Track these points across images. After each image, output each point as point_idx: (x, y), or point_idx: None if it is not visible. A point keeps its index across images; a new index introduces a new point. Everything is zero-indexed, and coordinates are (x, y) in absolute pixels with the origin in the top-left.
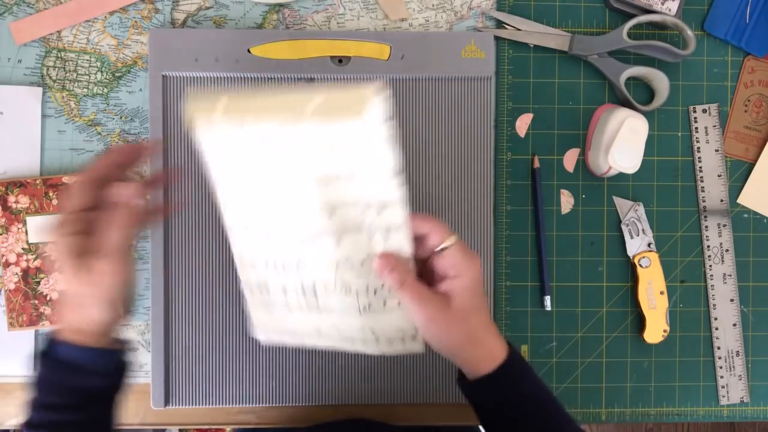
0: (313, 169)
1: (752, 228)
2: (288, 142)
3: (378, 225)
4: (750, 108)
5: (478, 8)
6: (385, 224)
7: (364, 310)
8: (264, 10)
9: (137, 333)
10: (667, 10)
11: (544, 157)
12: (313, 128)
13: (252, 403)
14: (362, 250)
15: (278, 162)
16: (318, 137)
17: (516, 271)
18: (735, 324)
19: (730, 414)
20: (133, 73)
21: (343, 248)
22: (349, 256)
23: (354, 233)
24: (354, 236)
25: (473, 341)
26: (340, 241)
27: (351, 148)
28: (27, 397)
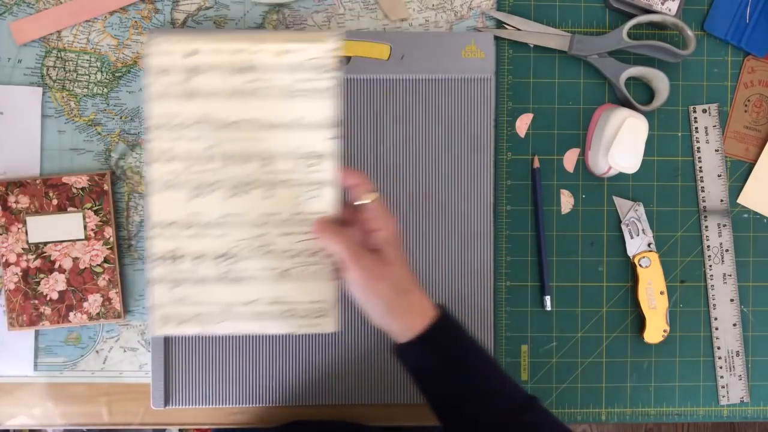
0: (258, 114)
1: (752, 228)
2: (237, 84)
3: (309, 180)
4: (750, 108)
5: (478, 8)
6: (316, 179)
7: (281, 276)
8: (264, 10)
9: (137, 333)
10: (667, 10)
11: (544, 157)
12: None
13: (252, 403)
14: (291, 205)
15: (223, 105)
16: (267, 80)
17: (516, 271)
18: (735, 324)
19: (730, 414)
20: (133, 73)
21: (272, 202)
22: (277, 211)
23: (285, 187)
24: (284, 191)
25: (402, 291)
26: (271, 194)
27: (296, 95)
28: None
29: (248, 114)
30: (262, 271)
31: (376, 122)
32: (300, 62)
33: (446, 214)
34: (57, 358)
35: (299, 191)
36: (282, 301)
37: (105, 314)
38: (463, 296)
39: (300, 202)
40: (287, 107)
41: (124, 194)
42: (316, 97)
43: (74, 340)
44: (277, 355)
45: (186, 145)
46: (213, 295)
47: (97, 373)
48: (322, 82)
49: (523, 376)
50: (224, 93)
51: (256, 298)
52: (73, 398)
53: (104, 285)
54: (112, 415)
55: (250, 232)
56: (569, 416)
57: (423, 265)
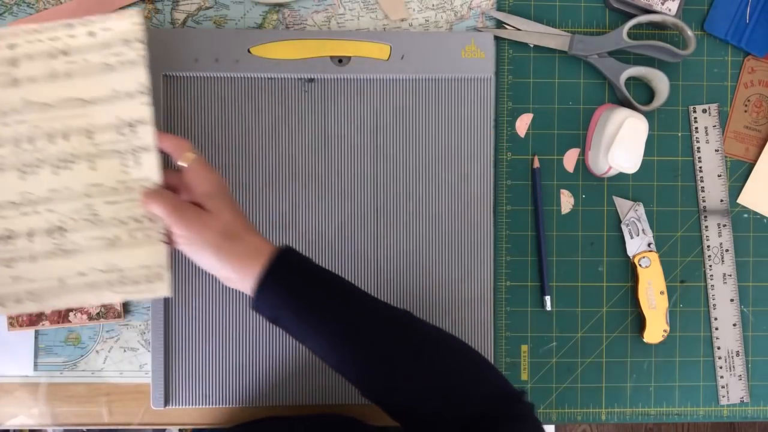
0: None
1: (752, 228)
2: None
3: (130, 147)
4: (750, 108)
5: (478, 8)
6: (136, 145)
7: (111, 244)
8: (264, 10)
9: (137, 333)
10: (667, 10)
11: (544, 157)
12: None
13: (252, 403)
14: (114, 175)
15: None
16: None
17: (516, 271)
18: (735, 324)
19: (730, 414)
20: None
21: (96, 174)
22: (102, 182)
23: (108, 158)
24: (108, 161)
25: (230, 237)
26: (95, 166)
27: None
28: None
29: (67, 93)
30: (91, 241)
31: (376, 122)
32: (109, 39)
33: (446, 214)
34: (57, 358)
35: (122, 160)
36: (114, 269)
37: (105, 314)
38: (463, 296)
39: (124, 170)
40: (103, 82)
41: None
42: (128, 68)
43: (74, 340)
44: (277, 355)
45: (11, 130)
46: (48, 271)
47: (97, 373)
48: (131, 54)
49: (523, 376)
50: (44, 77)
51: (89, 268)
52: (73, 398)
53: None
54: (112, 415)
55: (76, 204)
56: (569, 416)
57: (423, 265)
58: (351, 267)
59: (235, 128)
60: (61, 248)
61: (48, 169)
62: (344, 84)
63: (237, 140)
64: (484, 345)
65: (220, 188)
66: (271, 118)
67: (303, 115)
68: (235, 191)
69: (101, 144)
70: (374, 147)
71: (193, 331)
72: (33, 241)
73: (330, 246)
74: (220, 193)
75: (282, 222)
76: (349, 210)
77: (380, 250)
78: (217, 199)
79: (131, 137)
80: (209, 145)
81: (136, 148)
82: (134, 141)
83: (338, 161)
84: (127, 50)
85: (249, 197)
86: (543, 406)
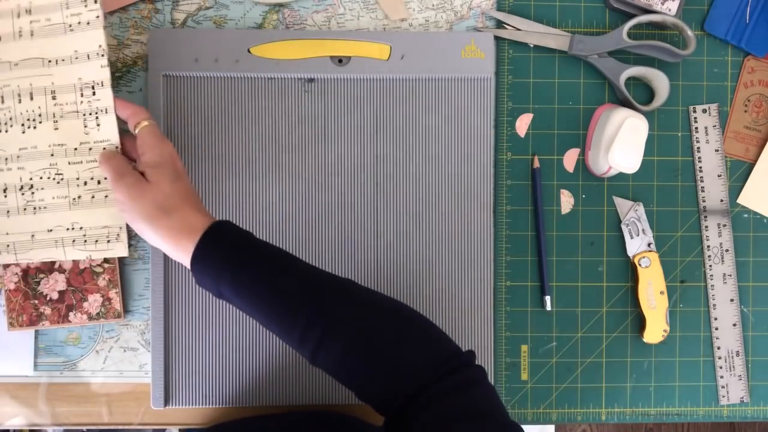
0: (40, 52)
1: (752, 228)
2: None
3: (90, 109)
4: (750, 108)
5: (478, 8)
6: (96, 107)
7: (74, 203)
8: (264, 10)
9: (137, 333)
10: (667, 10)
11: (544, 157)
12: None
13: (252, 403)
14: (76, 136)
15: (10, 47)
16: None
17: (516, 271)
18: (735, 324)
19: (730, 414)
20: (133, 73)
21: (60, 134)
22: (65, 142)
23: (70, 119)
24: (70, 121)
25: (166, 209)
26: (58, 126)
27: (69, 31)
28: None
29: (33, 53)
30: (57, 199)
31: (376, 122)
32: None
33: (446, 214)
34: (57, 358)
35: (84, 121)
36: (77, 227)
37: (105, 314)
38: (463, 296)
39: (85, 132)
40: (64, 43)
41: None
42: (86, 30)
43: (74, 340)
44: (277, 355)
45: None
46: (20, 226)
47: (97, 373)
48: (89, 14)
49: (523, 376)
50: (10, 36)
51: (55, 225)
52: (73, 398)
53: (104, 285)
54: (112, 415)
55: (43, 163)
56: (569, 416)
57: (423, 265)
58: (351, 266)
59: (235, 128)
60: (31, 205)
61: (17, 128)
62: (344, 84)
63: (237, 140)
64: (484, 345)
65: (165, 159)
66: (271, 118)
67: (303, 115)
68: (235, 190)
69: (64, 105)
70: (374, 147)
71: (193, 331)
72: (7, 197)
73: (330, 245)
74: (164, 163)
75: (282, 221)
76: (349, 209)
77: (380, 249)
78: (159, 169)
79: (92, 99)
80: (209, 145)
81: (96, 110)
82: (94, 103)
83: (338, 161)
84: (85, 11)
85: (249, 197)
86: (543, 406)
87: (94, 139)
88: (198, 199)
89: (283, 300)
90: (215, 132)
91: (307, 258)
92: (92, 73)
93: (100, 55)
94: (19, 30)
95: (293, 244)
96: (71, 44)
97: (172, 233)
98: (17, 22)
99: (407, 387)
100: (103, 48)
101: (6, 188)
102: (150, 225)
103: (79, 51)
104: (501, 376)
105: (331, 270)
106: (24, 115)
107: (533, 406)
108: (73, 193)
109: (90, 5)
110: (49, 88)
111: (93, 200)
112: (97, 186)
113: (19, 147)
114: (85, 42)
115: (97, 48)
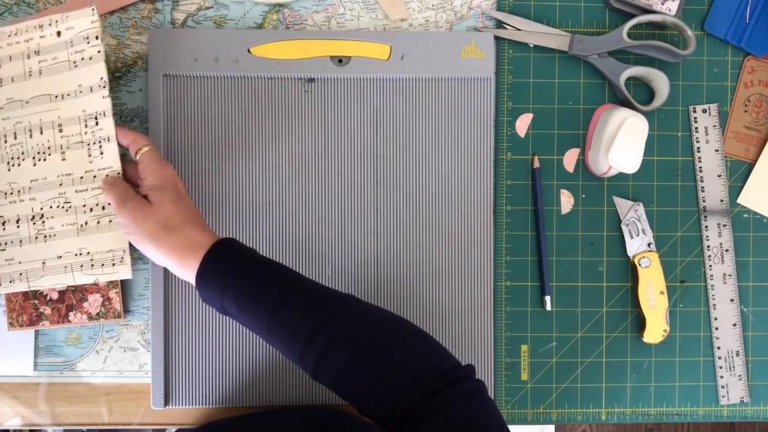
0: (48, 89)
1: (752, 228)
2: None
3: (94, 139)
4: (750, 108)
5: (478, 8)
6: (99, 136)
7: (81, 229)
8: (264, 10)
9: (137, 333)
10: (667, 10)
11: (544, 157)
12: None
13: (252, 403)
14: (82, 165)
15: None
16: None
17: (516, 271)
18: (735, 324)
19: (730, 414)
20: (133, 73)
21: (67, 164)
22: (72, 171)
23: (76, 149)
24: (76, 152)
25: (169, 229)
26: (65, 156)
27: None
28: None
29: (41, 90)
30: (65, 226)
31: (376, 122)
32: (73, 37)
33: (446, 214)
34: (57, 358)
35: (88, 150)
36: (84, 253)
37: (105, 314)
38: (463, 296)
39: (90, 161)
40: (70, 78)
41: None
42: (89, 64)
43: (74, 340)
44: (277, 356)
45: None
46: (32, 254)
47: (97, 373)
48: (90, 51)
49: (523, 376)
50: (21, 77)
51: (64, 252)
52: (73, 398)
53: (104, 285)
54: (112, 415)
55: (53, 193)
56: (569, 416)
57: (423, 265)
58: (350, 266)
59: (235, 128)
60: (42, 233)
61: (29, 161)
62: (344, 84)
63: (237, 140)
64: (484, 345)
65: (166, 181)
66: (271, 118)
67: (303, 115)
68: (235, 190)
69: (70, 136)
70: (374, 147)
71: (193, 331)
72: (20, 227)
73: (329, 244)
74: (165, 186)
75: (281, 221)
76: (348, 209)
77: (380, 249)
78: (161, 191)
79: (95, 129)
80: (209, 145)
81: (99, 139)
82: (98, 132)
83: (338, 161)
84: (87, 47)
85: (249, 196)
86: (543, 406)
87: (98, 167)
88: (201, 218)
89: (285, 315)
90: (215, 132)
91: (307, 258)
92: (95, 104)
93: (102, 87)
94: (29, 70)
95: (293, 243)
96: (76, 79)
97: (177, 251)
98: (27, 63)
99: (408, 399)
100: (104, 80)
101: (19, 219)
102: (154, 244)
103: (83, 85)
104: (501, 376)
105: (330, 270)
106: (35, 148)
107: (533, 406)
108: (80, 220)
109: (92, 41)
110: (56, 122)
111: (98, 225)
112: (102, 212)
113: (30, 179)
114: (88, 76)
115: (99, 80)
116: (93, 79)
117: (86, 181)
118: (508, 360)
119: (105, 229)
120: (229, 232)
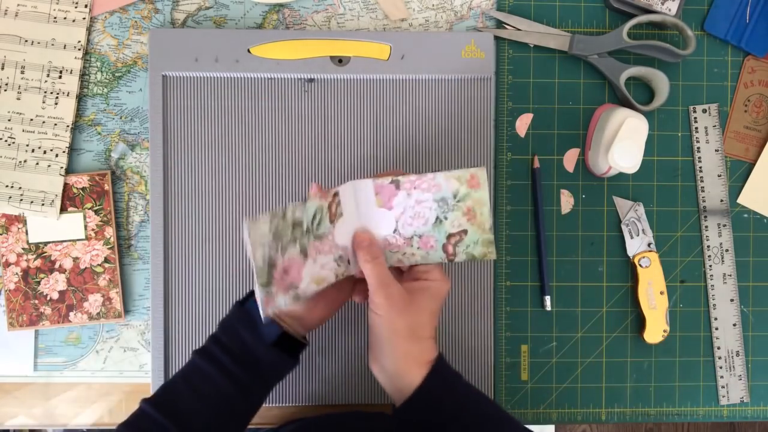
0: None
1: (752, 228)
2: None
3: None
4: (750, 108)
5: (478, 8)
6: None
7: (18, 165)
8: (264, 10)
9: (137, 333)
10: (667, 10)
11: (544, 157)
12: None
13: None
14: (34, 109)
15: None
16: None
17: (516, 271)
18: (735, 324)
19: (730, 414)
20: (133, 73)
21: (20, 103)
22: (23, 112)
23: (32, 93)
24: (31, 95)
25: (415, 336)
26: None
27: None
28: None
29: (12, 31)
30: (4, 159)
31: (376, 122)
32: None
33: None
34: (57, 358)
35: (43, 97)
36: (16, 187)
37: (105, 314)
38: (463, 296)
39: (42, 107)
40: (46, 30)
41: (123, 194)
42: (70, 25)
43: (74, 340)
44: None
45: None
46: None
47: (97, 373)
48: (77, 14)
49: (523, 376)
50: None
51: (5, 181)
52: (73, 398)
53: (104, 285)
54: (112, 415)
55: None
56: (569, 416)
57: None
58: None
59: (235, 128)
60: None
61: None
62: (344, 84)
63: (237, 140)
64: (484, 345)
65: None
66: (271, 118)
67: (303, 115)
68: (235, 190)
69: (30, 80)
70: (374, 147)
71: (193, 331)
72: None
73: None
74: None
75: None
76: None
77: None
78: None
79: (56, 81)
80: (209, 144)
81: (58, 90)
82: (58, 84)
83: (338, 161)
84: (73, 10)
85: (249, 196)
86: (543, 406)
87: (49, 114)
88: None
89: None
90: (215, 132)
91: None
92: (64, 60)
93: (76, 49)
94: (5, 9)
95: None
96: (51, 33)
97: (408, 359)
98: (4, 2)
99: None
100: (81, 44)
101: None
102: (392, 341)
103: (57, 40)
104: (501, 376)
105: None
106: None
107: (533, 406)
108: (20, 157)
109: (80, 8)
110: (20, 62)
111: (37, 167)
112: (43, 155)
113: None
114: (65, 35)
115: (75, 42)
116: (69, 39)
117: (35, 124)
118: (508, 360)
119: (42, 171)
120: (229, 231)
